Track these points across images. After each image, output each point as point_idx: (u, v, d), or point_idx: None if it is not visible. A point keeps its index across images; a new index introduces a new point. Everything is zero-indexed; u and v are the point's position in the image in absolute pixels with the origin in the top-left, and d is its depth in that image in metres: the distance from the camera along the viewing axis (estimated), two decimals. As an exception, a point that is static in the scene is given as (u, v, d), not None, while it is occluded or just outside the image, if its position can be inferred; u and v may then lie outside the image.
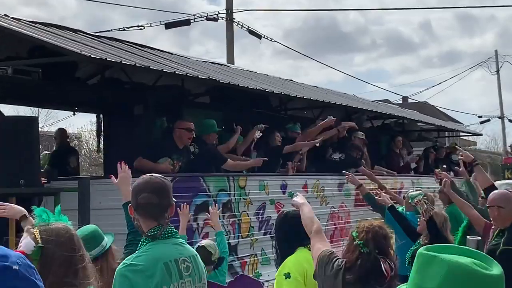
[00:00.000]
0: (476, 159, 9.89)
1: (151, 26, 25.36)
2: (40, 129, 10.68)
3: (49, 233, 3.09)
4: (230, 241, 10.04)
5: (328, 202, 12.66)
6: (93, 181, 8.97)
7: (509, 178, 29.22)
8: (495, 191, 7.47)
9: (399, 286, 2.53)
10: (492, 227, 7.30)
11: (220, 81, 10.28)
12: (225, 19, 23.75)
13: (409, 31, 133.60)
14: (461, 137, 61.26)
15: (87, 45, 9.43)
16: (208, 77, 10.19)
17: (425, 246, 2.35)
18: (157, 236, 4.01)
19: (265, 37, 25.90)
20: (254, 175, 11.07)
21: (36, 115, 14.41)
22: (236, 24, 24.03)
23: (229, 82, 10.48)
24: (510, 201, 6.95)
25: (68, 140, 13.92)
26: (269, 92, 11.48)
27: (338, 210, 12.87)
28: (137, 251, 4.08)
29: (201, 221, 9.49)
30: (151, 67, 9.44)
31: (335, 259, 4.75)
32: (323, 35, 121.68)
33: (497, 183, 28.13)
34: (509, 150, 38.67)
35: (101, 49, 9.47)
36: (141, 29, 25.95)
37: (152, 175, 4.25)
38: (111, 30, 25.55)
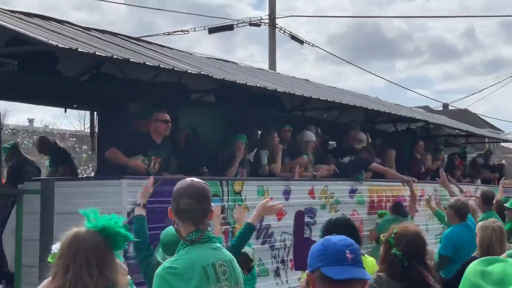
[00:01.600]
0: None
1: (195, 30, 25.81)
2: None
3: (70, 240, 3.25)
4: (222, 250, 9.29)
5: (338, 210, 11.73)
6: (59, 183, 8.18)
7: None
8: None
9: None
10: None
11: (214, 76, 9.43)
12: (267, 24, 23.40)
13: (453, 38, 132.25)
14: (502, 144, 60.77)
15: (74, 38, 8.70)
16: (200, 72, 9.32)
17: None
18: (195, 240, 4.04)
19: (307, 42, 25.76)
20: (252, 179, 10.23)
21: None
22: (279, 29, 23.70)
23: (223, 78, 9.63)
24: None
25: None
26: (272, 90, 10.60)
27: (350, 218, 11.95)
28: (175, 255, 4.10)
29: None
30: (146, 63, 8.65)
31: None
32: (366, 41, 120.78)
33: None
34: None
35: (88, 43, 8.72)
36: (186, 33, 25.94)
37: (193, 180, 4.30)
38: (157, 34, 25.72)
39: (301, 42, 24.81)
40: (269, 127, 11.67)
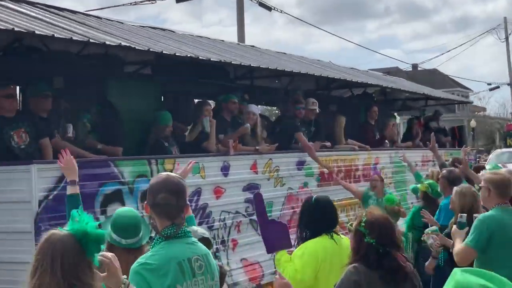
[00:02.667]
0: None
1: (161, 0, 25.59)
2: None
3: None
4: (152, 235, 8.60)
5: (284, 183, 11.08)
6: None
7: (511, 146, 27.63)
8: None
9: None
10: None
11: (137, 48, 8.68)
12: None
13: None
14: (472, 104, 60.47)
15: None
16: (120, 43, 8.55)
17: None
18: (171, 236, 4.00)
19: (275, 8, 25.62)
20: (185, 157, 9.54)
21: None
22: None
23: (149, 49, 8.87)
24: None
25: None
26: (205, 59, 9.85)
27: (298, 192, 11.29)
28: (150, 250, 4.08)
29: (111, 213, 8.02)
30: (56, 35, 7.90)
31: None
32: (337, 2, 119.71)
33: (497, 151, 26.72)
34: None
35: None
36: (153, 3, 26.10)
37: (169, 174, 4.33)
38: (123, 5, 25.96)
39: (269, 8, 24.64)
40: (203, 99, 10.99)
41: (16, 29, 7.43)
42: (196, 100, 12.03)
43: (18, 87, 10.07)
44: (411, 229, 10.26)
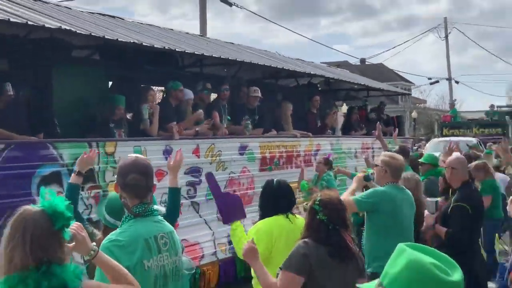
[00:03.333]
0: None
1: None
2: None
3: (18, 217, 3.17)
4: (92, 216, 8.09)
5: (226, 167, 10.63)
6: None
7: (446, 135, 27.50)
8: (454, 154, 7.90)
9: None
10: None
11: (78, 32, 8.16)
12: None
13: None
14: (413, 96, 61.00)
15: None
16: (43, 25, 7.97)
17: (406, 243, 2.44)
18: (141, 213, 3.99)
19: (235, 5, 25.28)
20: (126, 140, 9.02)
21: None
22: None
23: (90, 34, 8.33)
24: (462, 163, 7.38)
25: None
26: (148, 45, 9.35)
27: (239, 176, 10.86)
28: (120, 227, 4.05)
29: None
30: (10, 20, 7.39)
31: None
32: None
33: (434, 140, 26.44)
34: (450, 108, 37.30)
35: None
36: None
37: (137, 156, 4.24)
38: None
39: (229, 4, 24.37)
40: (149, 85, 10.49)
41: None
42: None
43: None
44: (353, 214, 9.88)
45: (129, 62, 10.62)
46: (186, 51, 10.39)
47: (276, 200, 5.70)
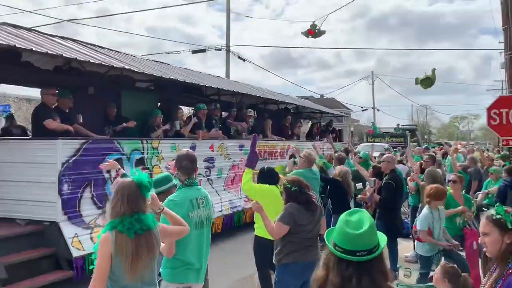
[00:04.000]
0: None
1: (184, 52, 33.85)
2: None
3: (120, 185, 3.04)
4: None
5: (230, 158, 10.16)
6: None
7: (370, 141, 27.07)
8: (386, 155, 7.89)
9: None
10: None
11: (145, 72, 7.74)
12: (225, 49, 22.12)
13: (328, 57, 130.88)
14: (351, 117, 60.86)
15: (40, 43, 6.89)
16: (131, 68, 7.55)
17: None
18: (188, 184, 3.89)
19: (247, 60, 26.19)
20: (166, 139, 8.57)
21: None
22: (231, 52, 22.37)
23: (143, 72, 7.90)
24: (392, 159, 7.35)
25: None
26: (181, 81, 8.90)
27: (238, 163, 10.39)
28: (176, 191, 3.92)
29: (113, 173, 7.04)
30: (103, 63, 7.13)
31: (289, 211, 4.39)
32: (282, 58, 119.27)
33: (361, 145, 25.35)
34: (371, 125, 36.89)
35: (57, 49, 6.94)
36: (178, 53, 28.56)
37: (188, 150, 4.14)
38: (162, 53, 24.82)
39: (243, 59, 23.77)
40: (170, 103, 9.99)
41: (64, 55, 6.57)
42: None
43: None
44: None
45: (172, 91, 10.19)
46: (206, 85, 9.91)
47: (267, 177, 5.53)
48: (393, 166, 7.24)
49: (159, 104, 10.17)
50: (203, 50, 22.62)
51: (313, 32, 14.03)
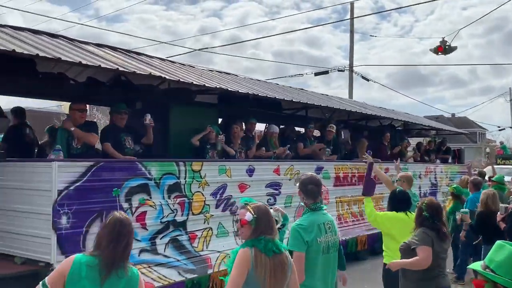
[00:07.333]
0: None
1: (307, 74, 34.21)
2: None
3: (257, 209, 3.00)
4: (177, 218, 6.26)
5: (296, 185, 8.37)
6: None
7: (500, 164, 23.39)
8: None
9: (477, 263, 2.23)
10: None
11: (183, 80, 6.44)
12: (348, 70, 21.38)
13: (462, 73, 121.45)
14: (487, 138, 54.83)
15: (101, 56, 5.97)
16: (177, 80, 6.29)
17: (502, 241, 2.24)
18: (314, 208, 3.73)
19: (371, 80, 24.59)
20: (209, 161, 7.11)
21: None
22: (355, 72, 21.48)
23: (204, 84, 6.65)
24: None
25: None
26: (244, 93, 7.45)
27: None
28: (302, 216, 3.74)
29: (135, 202, 5.76)
30: (151, 73, 6.11)
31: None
32: (409, 76, 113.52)
33: (491, 168, 21.72)
34: (500, 144, 32.06)
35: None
36: (301, 75, 29.92)
37: (312, 174, 3.97)
38: (285, 76, 25.06)
39: (367, 80, 22.50)
40: (231, 119, 8.51)
41: (120, 68, 5.76)
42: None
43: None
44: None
45: (238, 105, 8.80)
46: (285, 99, 8.35)
47: (400, 202, 5.10)
48: None
49: (223, 119, 8.83)
50: (326, 72, 21.80)
51: (443, 48, 13.96)
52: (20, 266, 5.14)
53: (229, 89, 7.19)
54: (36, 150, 7.29)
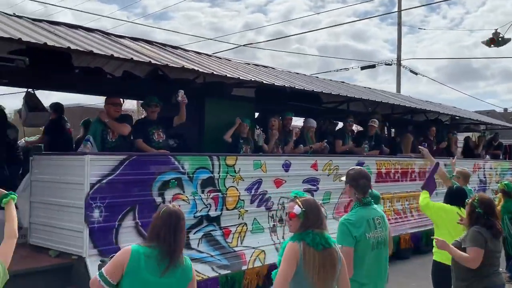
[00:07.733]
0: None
1: (353, 68, 29.71)
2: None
3: (306, 202, 2.94)
4: (210, 213, 6.16)
5: (343, 179, 8.08)
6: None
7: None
8: None
9: None
10: None
11: (217, 73, 6.31)
12: (396, 63, 20.91)
13: None
14: None
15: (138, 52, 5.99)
16: (210, 72, 6.19)
17: None
18: (366, 203, 3.60)
19: (420, 74, 24.48)
20: (244, 155, 6.94)
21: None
22: (403, 66, 21.00)
23: (238, 77, 6.53)
24: None
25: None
26: (280, 85, 7.26)
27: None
28: (351, 210, 3.62)
29: (169, 196, 5.70)
30: (184, 66, 6.08)
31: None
32: (460, 69, 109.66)
33: None
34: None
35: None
36: (347, 70, 28.70)
37: (361, 168, 3.81)
38: (330, 71, 25.21)
39: (415, 73, 21.92)
40: (269, 114, 8.29)
41: (152, 61, 5.72)
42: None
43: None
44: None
45: (275, 99, 8.61)
46: (323, 92, 8.09)
47: (452, 197, 5.01)
48: None
49: (260, 114, 8.66)
50: (373, 66, 21.28)
51: (496, 40, 13.51)
52: (54, 259, 5.17)
53: (264, 81, 7.01)
54: (74, 145, 7.37)
